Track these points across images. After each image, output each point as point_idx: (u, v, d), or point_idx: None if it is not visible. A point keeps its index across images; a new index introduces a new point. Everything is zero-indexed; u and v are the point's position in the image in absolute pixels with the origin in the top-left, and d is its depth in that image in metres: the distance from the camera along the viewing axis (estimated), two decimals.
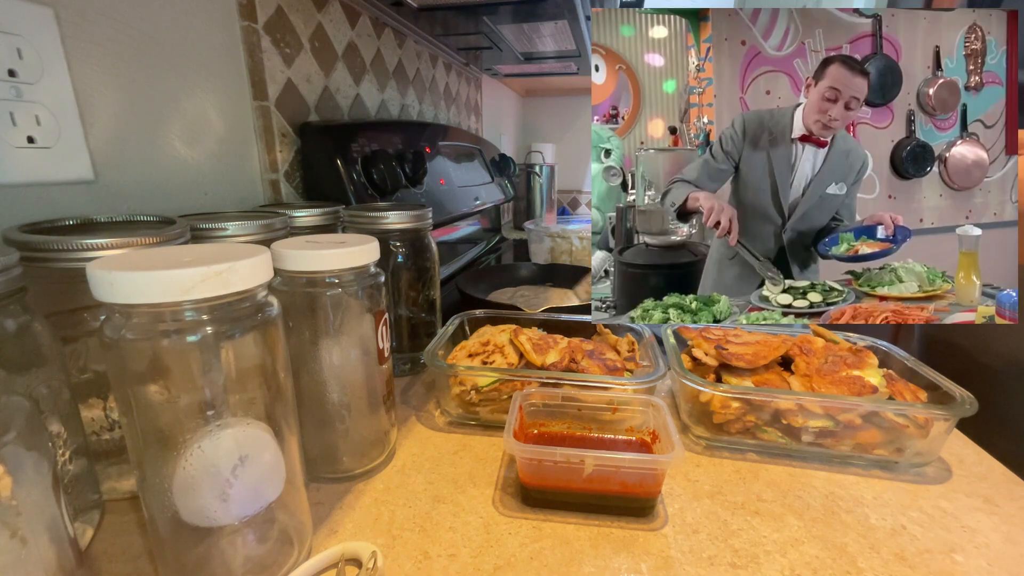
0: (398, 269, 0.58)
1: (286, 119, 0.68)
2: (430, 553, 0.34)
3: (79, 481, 0.34)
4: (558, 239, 1.15)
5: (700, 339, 0.52)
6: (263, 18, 0.63)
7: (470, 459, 0.44)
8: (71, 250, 0.31)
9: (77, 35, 0.43)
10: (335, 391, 0.40)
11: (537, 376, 0.47)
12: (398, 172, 0.76)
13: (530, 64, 1.40)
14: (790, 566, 0.33)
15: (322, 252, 0.36)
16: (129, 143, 0.49)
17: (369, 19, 0.89)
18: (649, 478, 0.37)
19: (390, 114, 1.00)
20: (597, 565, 0.33)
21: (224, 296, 0.25)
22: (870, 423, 0.43)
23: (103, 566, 0.33)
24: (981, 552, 0.35)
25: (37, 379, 0.30)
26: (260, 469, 0.29)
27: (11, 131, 0.39)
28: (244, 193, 0.63)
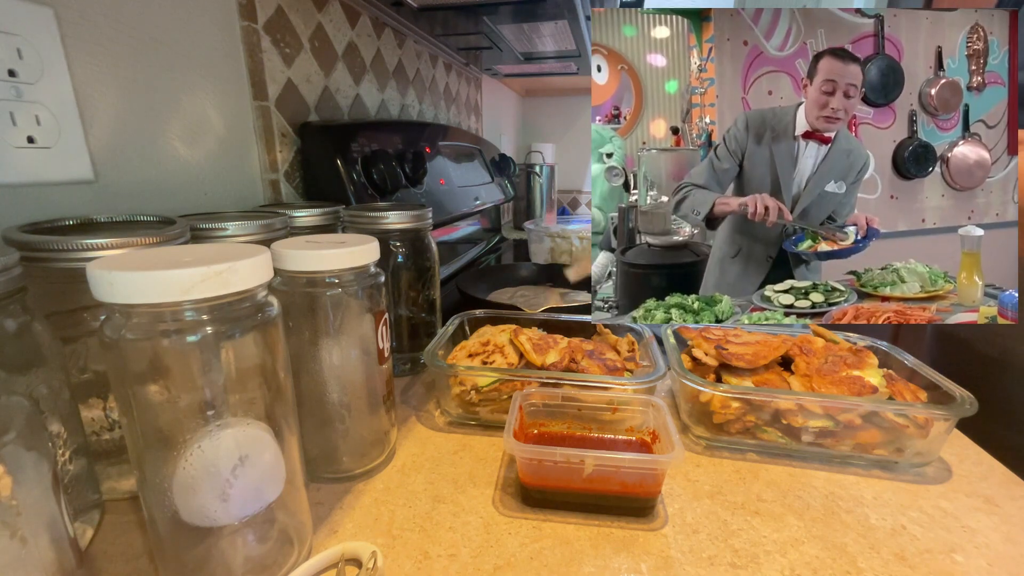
0: (398, 269, 0.58)
1: (286, 119, 0.68)
2: (430, 553, 0.34)
3: (79, 481, 0.34)
4: (558, 239, 1.15)
5: (700, 339, 0.52)
6: (263, 18, 0.63)
7: (470, 459, 0.44)
8: (71, 250, 0.31)
9: (77, 35, 0.43)
10: (335, 391, 0.40)
11: (537, 376, 0.47)
12: (398, 172, 0.76)
13: (530, 64, 1.40)
14: (790, 566, 0.33)
15: (322, 252, 0.36)
16: (129, 143, 0.49)
17: (369, 19, 0.89)
18: (649, 478, 0.37)
19: (390, 114, 1.00)
20: (597, 565, 0.33)
21: (224, 296, 0.25)
22: (870, 423, 0.43)
23: (103, 566, 0.33)
24: (981, 552, 0.35)
25: (37, 379, 0.30)
26: (260, 469, 0.29)
27: (11, 131, 0.39)
28: (244, 193, 0.63)
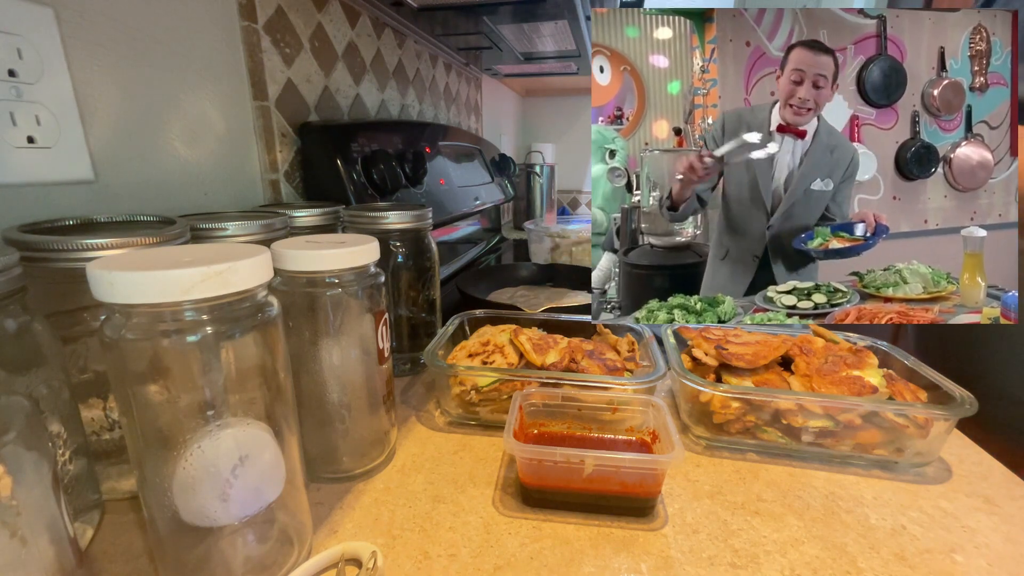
0: (398, 269, 0.58)
1: (286, 119, 0.68)
2: (430, 553, 0.34)
3: (79, 481, 0.34)
4: (558, 239, 1.15)
5: (700, 339, 0.52)
6: (263, 18, 0.63)
7: (470, 459, 0.44)
8: (71, 250, 0.31)
9: (77, 35, 0.43)
10: (335, 391, 0.40)
11: (537, 376, 0.47)
12: (398, 172, 0.76)
13: (530, 64, 1.40)
14: (790, 566, 0.33)
15: (322, 252, 0.36)
16: (129, 143, 0.49)
17: (369, 19, 0.89)
18: (649, 478, 0.37)
19: (390, 114, 1.00)
20: (597, 565, 0.33)
21: (224, 296, 0.25)
22: (870, 423, 0.43)
23: (103, 566, 0.33)
24: (981, 552, 0.35)
25: (37, 379, 0.30)
26: (260, 469, 0.29)
27: (11, 131, 0.39)
28: (244, 193, 0.63)
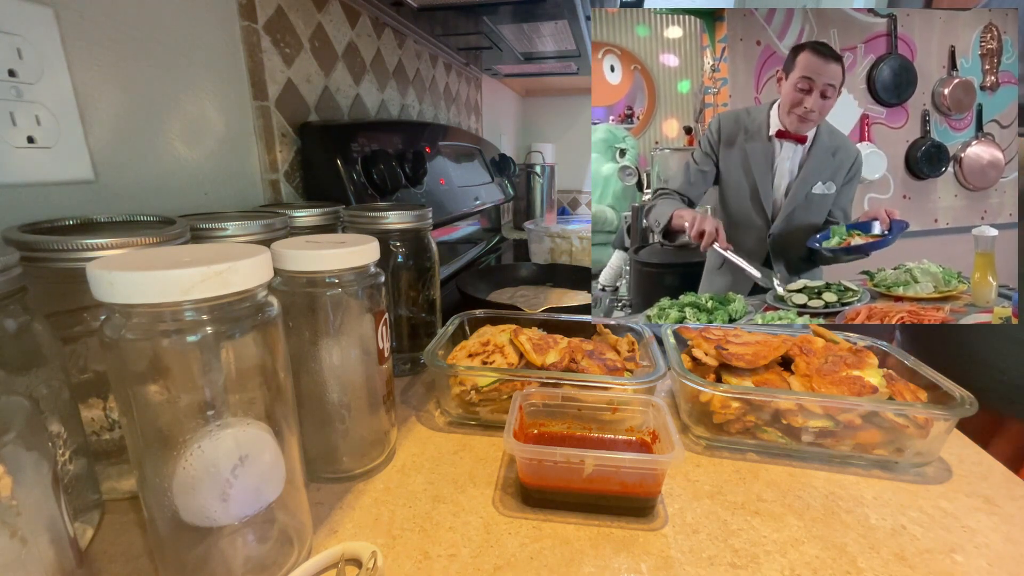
0: (398, 269, 0.58)
1: (286, 119, 0.68)
2: (430, 553, 0.34)
3: (79, 481, 0.34)
4: (558, 239, 1.15)
5: (700, 339, 0.52)
6: (263, 18, 0.63)
7: (470, 459, 0.44)
8: (71, 250, 0.31)
9: (77, 35, 0.43)
10: (335, 391, 0.40)
11: (537, 376, 0.47)
12: (398, 172, 0.76)
13: (530, 64, 1.40)
14: (790, 566, 0.33)
15: (322, 252, 0.36)
16: (129, 143, 0.49)
17: (369, 19, 0.89)
18: (649, 478, 0.37)
19: (390, 114, 1.00)
20: (597, 565, 0.33)
21: (224, 296, 0.25)
22: (870, 423, 0.43)
23: (103, 566, 0.33)
24: (981, 552, 0.35)
25: (37, 379, 0.30)
26: (260, 469, 0.29)
27: (11, 131, 0.39)
28: (244, 193, 0.63)
